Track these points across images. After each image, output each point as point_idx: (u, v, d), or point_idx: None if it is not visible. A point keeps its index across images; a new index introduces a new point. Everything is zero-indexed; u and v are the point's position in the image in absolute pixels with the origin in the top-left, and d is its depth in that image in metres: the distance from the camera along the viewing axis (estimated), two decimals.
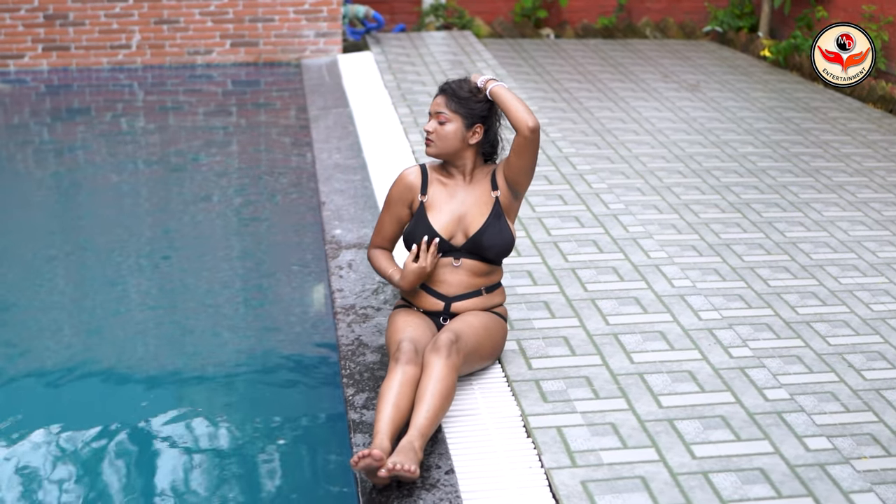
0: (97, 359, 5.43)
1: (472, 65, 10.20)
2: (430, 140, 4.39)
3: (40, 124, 9.85)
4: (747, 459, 3.84)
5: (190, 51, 10.91)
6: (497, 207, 4.42)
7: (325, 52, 10.99)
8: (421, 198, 4.48)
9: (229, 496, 4.22)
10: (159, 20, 10.81)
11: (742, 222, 6.74)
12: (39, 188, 8.18)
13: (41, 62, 10.78)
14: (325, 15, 10.92)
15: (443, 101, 4.37)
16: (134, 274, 6.56)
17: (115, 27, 10.75)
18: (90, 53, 10.79)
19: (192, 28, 10.85)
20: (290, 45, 10.98)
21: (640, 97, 9.97)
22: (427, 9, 12.54)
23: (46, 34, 10.72)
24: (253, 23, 10.91)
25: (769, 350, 5.12)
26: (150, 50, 10.87)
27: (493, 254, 4.41)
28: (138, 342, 5.65)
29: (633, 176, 7.60)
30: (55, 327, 5.81)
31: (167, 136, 9.40)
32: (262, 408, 4.83)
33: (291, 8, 10.90)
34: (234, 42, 10.94)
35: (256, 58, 10.99)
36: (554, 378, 4.41)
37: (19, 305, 6.01)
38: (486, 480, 3.76)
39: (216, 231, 7.23)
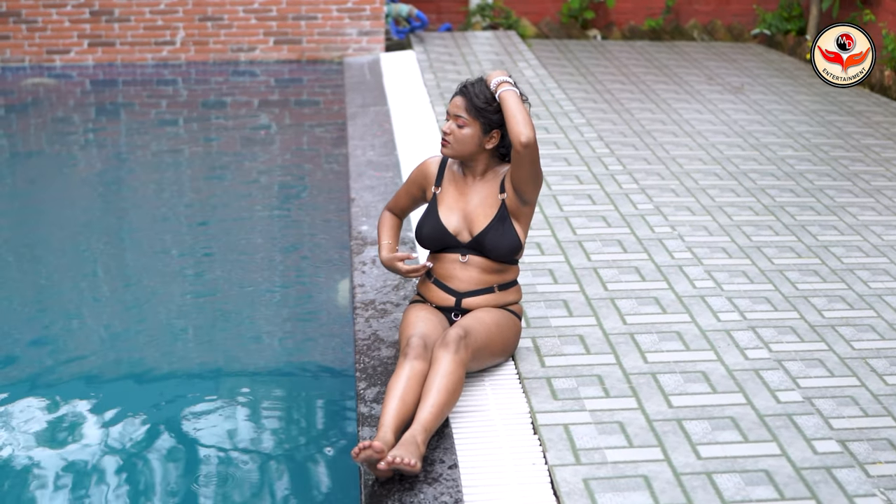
0: (128, 347, 5.49)
1: (513, 65, 10.18)
2: (446, 141, 4.38)
3: (85, 119, 9.97)
4: (753, 461, 3.80)
5: (233, 48, 10.99)
6: (503, 210, 4.40)
7: (368, 50, 11.02)
8: (435, 189, 4.52)
9: (231, 480, 4.25)
10: (203, 17, 10.90)
11: (775, 225, 6.68)
12: (82, 182, 8.28)
13: (87, 57, 10.91)
14: (368, 13, 10.96)
15: (462, 104, 4.35)
16: (171, 265, 6.62)
17: (159, 23, 10.86)
18: (135, 49, 10.90)
19: (236, 25, 10.93)
20: (333, 43, 11.03)
21: (682, 99, 9.91)
22: (474, 8, 12.55)
23: (92, 30, 10.84)
24: (296, 20, 10.97)
25: (791, 353, 5.07)
26: (194, 46, 10.96)
27: (496, 255, 4.40)
28: (168, 331, 5.71)
29: (668, 177, 7.56)
30: (95, 319, 5.87)
31: (209, 131, 9.49)
32: (276, 397, 4.86)
33: (335, 6, 10.94)
34: (277, 39, 11.00)
35: (299, 55, 11.05)
36: (566, 376, 4.39)
37: (61, 298, 6.08)
38: (488, 476, 3.76)
39: (251, 225, 7.27)
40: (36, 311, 5.94)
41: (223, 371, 5.29)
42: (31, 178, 8.31)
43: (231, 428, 4.67)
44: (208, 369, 5.34)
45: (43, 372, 5.24)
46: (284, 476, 4.33)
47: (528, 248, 5.70)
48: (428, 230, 4.45)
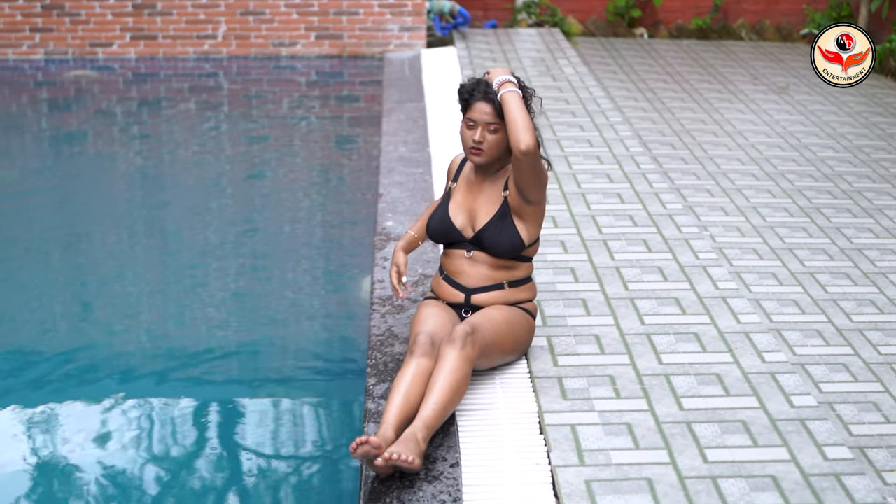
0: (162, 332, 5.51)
1: (554, 62, 10.12)
2: (480, 149, 4.31)
3: (127, 111, 10.03)
4: (760, 466, 3.72)
5: (275, 42, 11.01)
6: (504, 207, 4.36)
7: (409, 46, 10.99)
8: (451, 184, 4.53)
9: (231, 470, 4.25)
10: (245, 11, 10.92)
11: (809, 227, 6.57)
12: (124, 173, 8.35)
13: (129, 51, 10.97)
14: (410, 9, 10.93)
15: (490, 109, 4.28)
16: (203, 255, 6.66)
17: (201, 17, 10.89)
18: (177, 43, 10.94)
19: (278, 20, 10.94)
20: (375, 38, 11.01)
21: (725, 99, 9.80)
22: (520, 6, 12.49)
23: (134, 23, 10.90)
24: (338, 16, 10.96)
25: (815, 357, 4.98)
26: (236, 41, 10.99)
27: (496, 252, 4.35)
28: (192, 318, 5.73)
29: (704, 177, 7.47)
30: (133, 307, 5.90)
31: (249, 125, 9.51)
32: (287, 391, 4.85)
33: (376, 1, 10.92)
34: (318, 34, 11.00)
35: (341, 51, 11.04)
36: (578, 376, 4.33)
37: (103, 286, 6.12)
38: (489, 475, 3.71)
39: (282, 219, 7.28)
40: (76, 302, 5.98)
41: (238, 359, 5.29)
42: (74, 170, 8.38)
43: (239, 418, 4.67)
44: (224, 359, 5.34)
45: (77, 362, 5.28)
46: (287, 469, 4.31)
47: (552, 245, 5.64)
48: (435, 222, 4.47)
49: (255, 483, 4.25)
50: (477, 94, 4.30)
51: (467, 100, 4.33)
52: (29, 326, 5.77)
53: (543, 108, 4.55)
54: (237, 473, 4.27)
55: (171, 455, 4.43)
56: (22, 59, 10.97)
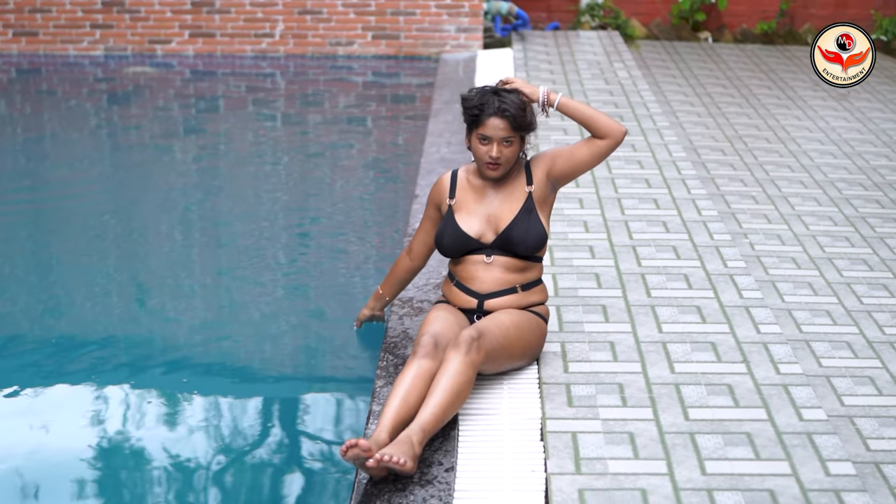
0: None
1: (609, 65, 10.04)
2: (497, 164, 4.31)
3: (184, 108, 10.14)
4: (759, 480, 3.64)
5: (332, 41, 11.05)
6: (529, 202, 4.34)
7: (466, 47, 10.98)
8: (449, 201, 4.47)
9: (229, 463, 4.29)
10: (303, 10, 10.98)
11: (852, 236, 6.44)
12: (180, 169, 8.45)
13: (187, 48, 11.08)
14: (467, 10, 10.91)
15: (505, 125, 4.26)
16: (248, 250, 6.74)
17: (259, 16, 10.97)
18: (234, 41, 11.03)
19: (335, 19, 10.99)
20: (431, 39, 11.01)
21: (783, 105, 9.67)
22: (583, 8, 12.42)
23: (193, 20, 11.01)
24: (394, 16, 10.98)
25: (841, 369, 4.87)
26: (293, 39, 11.06)
27: (523, 249, 4.33)
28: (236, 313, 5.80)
29: (751, 184, 7.37)
30: (186, 303, 5.99)
31: (305, 124, 9.57)
32: (296, 391, 4.87)
33: (433, 2, 10.92)
34: (375, 34, 11.03)
35: (397, 51, 11.06)
36: (587, 383, 4.28)
37: (158, 281, 6.22)
38: (483, 481, 3.68)
39: (328, 218, 7.34)
40: (129, 292, 6.08)
41: (254, 353, 5.35)
42: (132, 165, 8.49)
43: (245, 414, 4.70)
44: (242, 351, 5.41)
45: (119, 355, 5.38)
46: (284, 466, 4.33)
47: (580, 250, 5.60)
48: (448, 239, 4.41)
49: (251, 477, 4.28)
50: (488, 110, 4.26)
51: (477, 116, 4.28)
52: (85, 314, 5.86)
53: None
54: (235, 467, 4.30)
55: (167, 445, 4.47)
56: (82, 54, 11.14)
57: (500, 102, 4.24)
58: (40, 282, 6.20)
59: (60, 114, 10.08)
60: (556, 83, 9.31)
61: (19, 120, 9.96)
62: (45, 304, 5.93)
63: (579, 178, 6.72)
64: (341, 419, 4.60)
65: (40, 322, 5.73)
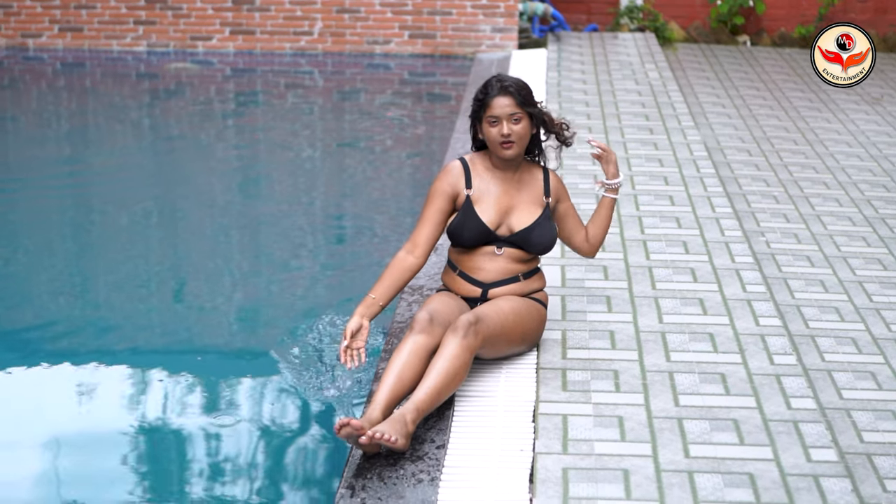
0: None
1: (640, 66, 10.12)
2: (511, 142, 4.37)
3: (224, 103, 10.35)
4: (740, 463, 3.73)
5: (369, 40, 11.21)
6: (547, 210, 4.47)
7: (501, 47, 11.09)
8: (467, 191, 4.46)
9: (228, 438, 4.45)
10: (341, 9, 11.15)
11: (869, 236, 6.49)
12: (219, 163, 8.66)
13: (227, 45, 11.28)
14: (502, 10, 11.03)
15: (510, 101, 4.35)
16: (281, 239, 6.93)
17: (298, 14, 11.16)
18: (274, 38, 11.22)
19: (372, 18, 11.15)
20: (467, 38, 11.14)
21: (814, 108, 9.70)
22: (622, 10, 12.50)
23: (234, 18, 11.21)
24: (431, 15, 11.12)
25: (843, 364, 4.94)
26: (331, 37, 11.23)
27: (537, 250, 4.46)
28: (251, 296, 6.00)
29: (774, 184, 7.42)
30: (223, 295, 6.19)
31: (341, 120, 9.76)
32: (298, 370, 5.00)
33: (469, 2, 11.05)
34: (412, 33, 11.18)
35: (433, 50, 11.20)
36: (582, 369, 4.39)
37: (196, 272, 6.45)
38: (471, 458, 3.79)
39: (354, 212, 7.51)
40: (169, 282, 6.33)
41: (260, 336, 5.53)
42: (173, 160, 8.71)
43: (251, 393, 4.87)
44: (248, 337, 5.60)
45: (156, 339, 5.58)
46: (283, 440, 4.49)
47: None
48: (469, 233, 4.40)
49: (247, 451, 4.44)
50: (492, 92, 4.36)
51: (482, 100, 4.38)
52: (126, 302, 6.09)
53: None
54: (233, 442, 4.46)
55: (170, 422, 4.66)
56: (125, 50, 11.37)
57: (501, 82, 4.36)
58: (79, 263, 6.44)
59: (104, 107, 10.31)
60: (587, 83, 9.41)
61: (64, 112, 10.22)
62: (86, 285, 6.16)
63: (597, 175, 6.83)
64: (344, 396, 4.75)
65: (81, 302, 5.96)
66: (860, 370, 4.88)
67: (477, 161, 4.53)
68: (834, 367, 4.90)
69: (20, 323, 5.72)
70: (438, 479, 3.67)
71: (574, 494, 3.56)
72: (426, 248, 4.44)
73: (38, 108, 10.18)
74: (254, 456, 4.43)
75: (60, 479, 4.25)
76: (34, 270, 6.39)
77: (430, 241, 4.45)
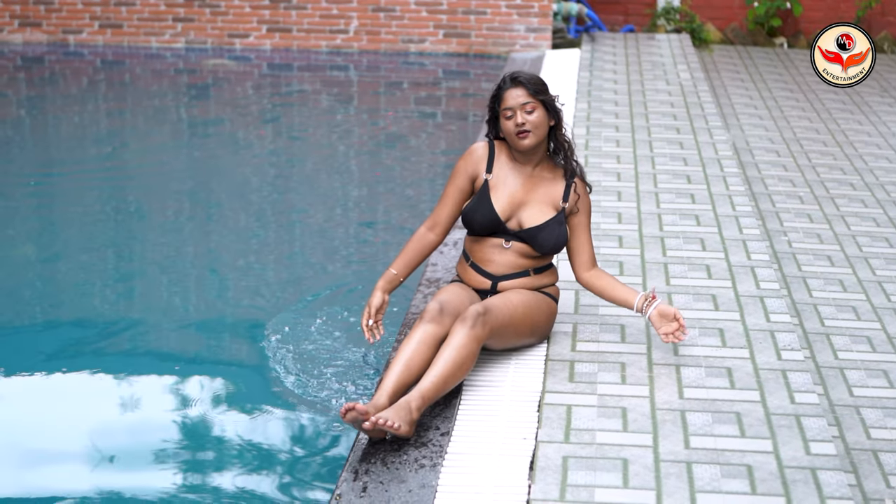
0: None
1: (672, 67, 10.14)
2: (526, 132, 4.39)
3: (261, 99, 10.48)
4: (739, 455, 3.78)
5: (404, 39, 11.30)
6: (561, 216, 4.47)
7: (535, 47, 11.15)
8: (486, 175, 4.50)
9: (241, 415, 4.63)
10: (376, 7, 11.25)
11: (893, 237, 6.51)
12: (254, 158, 8.80)
13: (265, 42, 11.41)
14: (536, 10, 11.09)
15: (522, 92, 4.40)
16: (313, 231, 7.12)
17: (334, 12, 11.27)
18: (310, 36, 11.34)
19: (408, 17, 11.24)
20: (501, 38, 11.20)
21: (847, 110, 9.69)
22: (659, 12, 12.52)
23: (271, 16, 11.34)
24: (465, 15, 11.20)
25: (856, 362, 4.97)
26: (367, 36, 11.33)
27: (544, 251, 4.47)
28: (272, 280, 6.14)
29: (800, 185, 7.44)
30: (254, 285, 6.36)
31: (376, 117, 9.87)
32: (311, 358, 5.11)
33: (503, 2, 11.12)
34: (446, 32, 11.25)
35: (467, 49, 11.27)
36: (591, 361, 4.44)
37: (232, 263, 6.61)
38: (474, 445, 3.86)
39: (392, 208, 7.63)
40: (203, 274, 6.51)
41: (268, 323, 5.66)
42: (210, 154, 8.86)
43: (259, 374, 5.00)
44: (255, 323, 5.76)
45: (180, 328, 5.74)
46: (290, 423, 4.60)
47: (609, 240, 5.75)
48: (480, 218, 4.45)
49: (256, 431, 4.57)
50: (504, 85, 4.42)
51: (497, 95, 4.44)
52: (164, 292, 6.28)
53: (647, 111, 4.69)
54: (244, 421, 4.60)
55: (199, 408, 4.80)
56: (164, 46, 11.53)
57: (511, 76, 4.42)
58: (116, 250, 6.64)
59: (143, 102, 10.47)
60: (618, 82, 9.45)
61: (103, 107, 10.39)
62: (122, 271, 6.38)
63: (621, 173, 6.88)
64: (356, 381, 4.85)
65: (117, 288, 6.13)
66: (873, 368, 4.90)
67: (503, 148, 4.55)
68: (847, 364, 4.93)
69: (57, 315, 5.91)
70: (440, 465, 3.74)
71: (572, 482, 3.62)
72: (446, 225, 4.55)
73: (79, 103, 10.36)
74: (265, 438, 4.55)
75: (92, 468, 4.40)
76: (73, 258, 6.59)
77: (450, 219, 4.55)
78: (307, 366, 5.05)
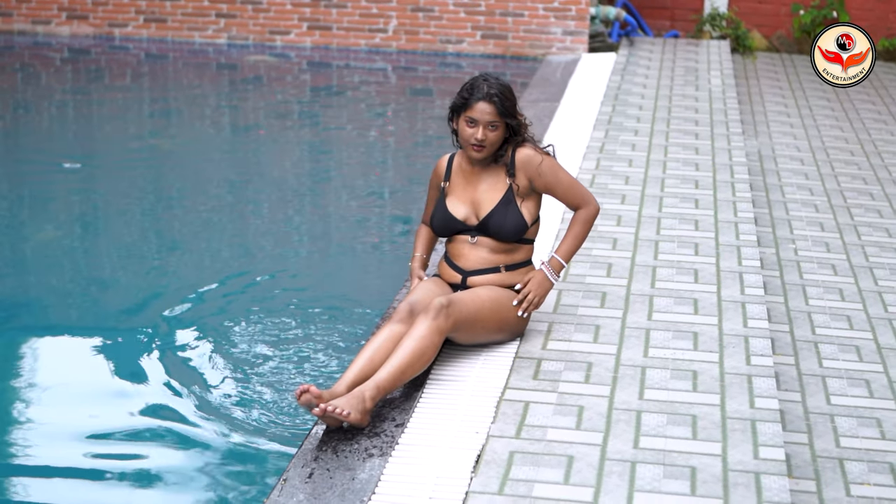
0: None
1: (705, 73, 10.11)
2: (482, 147, 4.50)
3: (300, 96, 10.65)
4: (685, 457, 3.79)
5: (442, 39, 11.37)
6: (509, 193, 4.54)
7: (571, 49, 11.16)
8: (444, 184, 4.70)
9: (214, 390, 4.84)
10: (415, 7, 11.33)
11: None
12: (291, 154, 8.99)
13: (305, 39, 11.54)
14: (573, 13, 11.10)
15: (492, 110, 4.46)
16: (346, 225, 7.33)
17: (374, 11, 11.36)
18: (350, 35, 11.45)
19: (446, 17, 11.30)
20: (538, 40, 11.23)
21: (881, 120, 9.61)
22: (705, 18, 12.47)
23: (311, 13, 11.47)
24: (503, 16, 11.24)
25: (840, 371, 4.95)
26: (405, 35, 11.41)
27: (502, 237, 4.53)
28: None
29: (818, 193, 7.40)
30: (288, 275, 6.58)
31: (414, 116, 9.99)
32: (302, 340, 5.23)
33: (541, 4, 11.15)
34: (484, 34, 11.31)
35: (504, 50, 11.31)
36: (558, 360, 4.48)
37: (266, 252, 6.84)
38: (426, 437, 3.91)
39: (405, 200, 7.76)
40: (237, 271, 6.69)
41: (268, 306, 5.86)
42: (251, 149, 9.04)
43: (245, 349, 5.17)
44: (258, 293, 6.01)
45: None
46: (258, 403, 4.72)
47: (603, 242, 5.77)
48: (438, 220, 4.67)
49: (223, 407, 4.71)
50: (477, 94, 4.47)
51: (467, 99, 4.49)
52: (203, 279, 6.47)
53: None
54: (220, 394, 4.76)
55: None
56: (207, 42, 11.71)
57: (488, 88, 4.46)
58: (158, 235, 7.01)
59: (185, 96, 10.66)
60: (647, 87, 9.45)
61: (146, 99, 10.61)
62: (166, 254, 6.74)
63: (628, 176, 6.89)
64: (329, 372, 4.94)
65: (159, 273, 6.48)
66: (856, 377, 4.88)
67: (461, 156, 4.71)
68: (830, 373, 4.91)
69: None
70: (389, 455, 3.80)
71: (514, 476, 3.66)
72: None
73: (122, 95, 10.56)
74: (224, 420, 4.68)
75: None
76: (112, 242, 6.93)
77: None
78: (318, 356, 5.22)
